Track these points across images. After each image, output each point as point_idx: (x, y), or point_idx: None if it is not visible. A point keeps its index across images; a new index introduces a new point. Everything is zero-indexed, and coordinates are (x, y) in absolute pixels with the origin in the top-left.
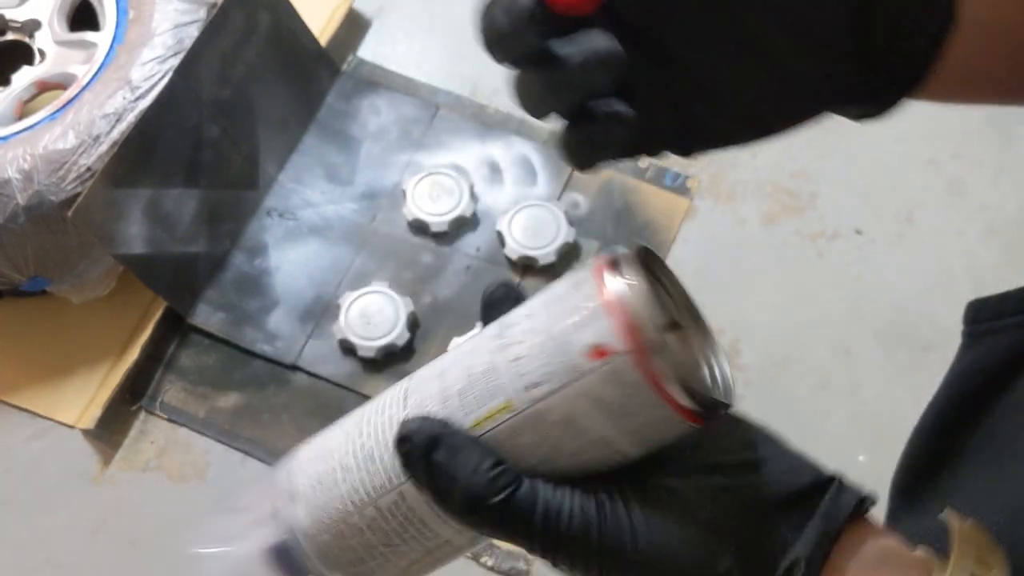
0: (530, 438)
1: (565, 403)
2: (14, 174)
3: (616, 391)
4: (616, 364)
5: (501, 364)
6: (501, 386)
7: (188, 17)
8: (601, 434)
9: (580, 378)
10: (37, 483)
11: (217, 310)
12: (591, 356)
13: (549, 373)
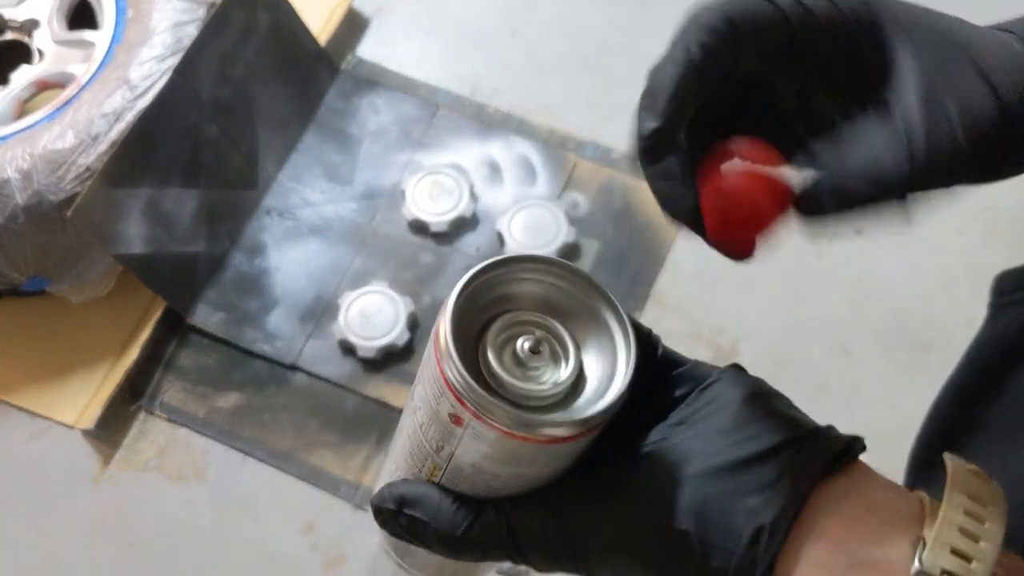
0: (466, 482)
1: (465, 459)
2: (13, 174)
3: (487, 446)
4: (472, 427)
5: (417, 430)
6: (424, 449)
7: (187, 16)
8: (511, 472)
9: (459, 440)
10: (37, 483)
11: (217, 310)
12: (455, 424)
13: (441, 438)
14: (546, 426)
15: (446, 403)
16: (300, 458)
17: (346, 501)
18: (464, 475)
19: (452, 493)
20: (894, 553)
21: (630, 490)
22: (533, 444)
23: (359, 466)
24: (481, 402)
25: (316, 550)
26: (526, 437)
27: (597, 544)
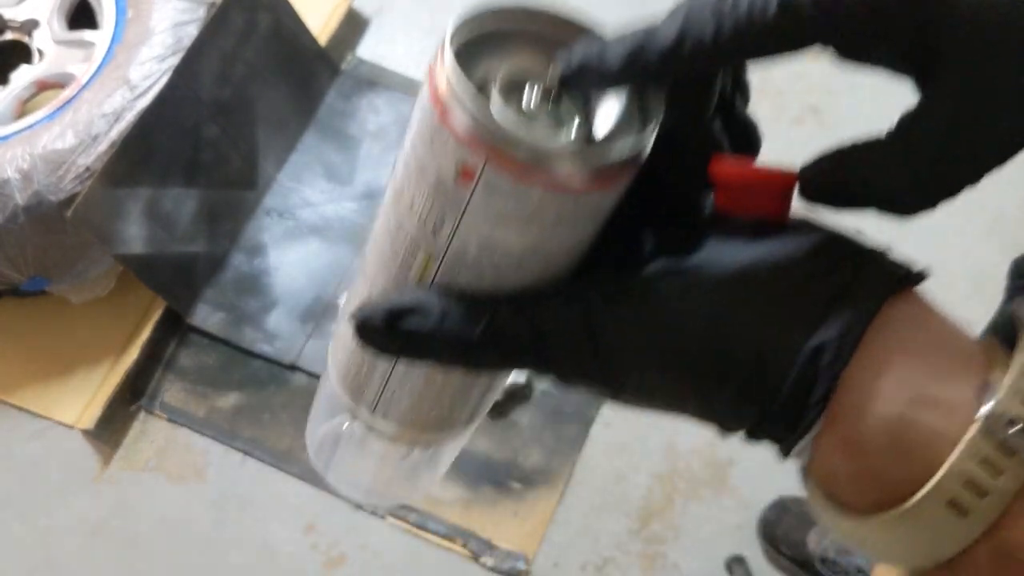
0: (468, 273)
1: (472, 233)
2: (13, 174)
3: (503, 201)
4: (486, 178)
5: (404, 216)
6: (414, 239)
7: (187, 16)
8: (525, 245)
9: (467, 204)
10: (37, 483)
11: (216, 310)
12: (462, 180)
13: (442, 210)
14: (574, 160)
15: (451, 158)
16: (300, 458)
17: (346, 501)
18: (467, 261)
19: (454, 293)
20: (959, 393)
21: (672, 292)
22: (557, 194)
23: None
24: (499, 135)
25: (316, 550)
26: (550, 181)
27: (632, 352)
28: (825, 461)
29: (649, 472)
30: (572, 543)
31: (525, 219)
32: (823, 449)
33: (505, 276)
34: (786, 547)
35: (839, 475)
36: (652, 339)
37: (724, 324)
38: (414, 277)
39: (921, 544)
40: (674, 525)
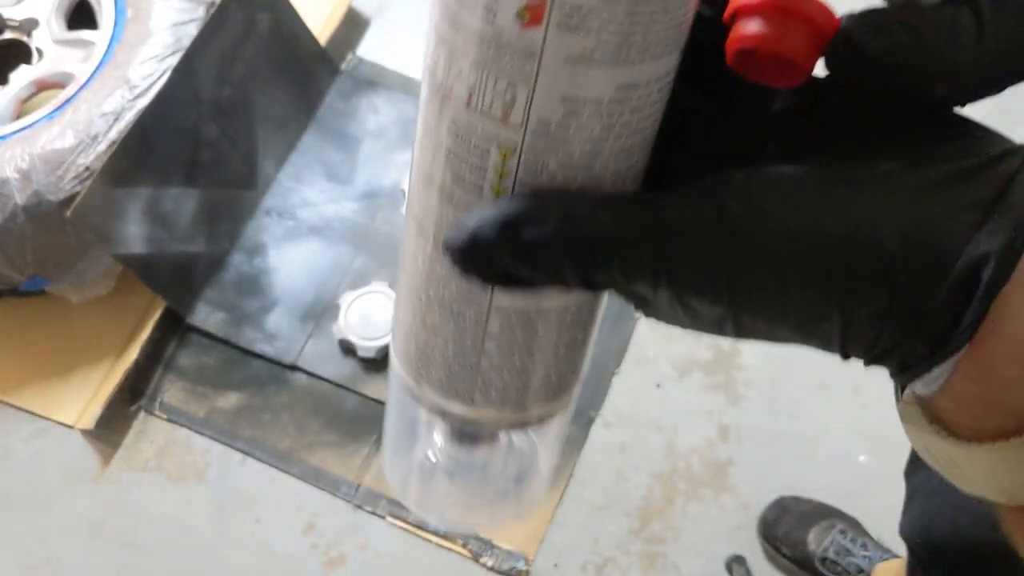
0: (557, 159)
1: (550, 94)
2: (12, 174)
3: (584, 31)
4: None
5: (459, 116)
6: (481, 137)
7: (187, 16)
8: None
9: (542, 55)
10: (37, 483)
11: (216, 310)
12: (531, 26)
13: (510, 81)
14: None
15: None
16: (300, 458)
17: (346, 501)
18: (553, 137)
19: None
20: None
21: (809, 183)
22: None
23: (359, 466)
24: None
25: (316, 550)
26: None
27: (775, 256)
28: (952, 385)
29: (649, 472)
30: (572, 543)
31: (612, 45)
32: (956, 373)
33: (597, 149)
34: (786, 547)
35: (963, 400)
36: (798, 240)
37: (877, 223)
38: (491, 185)
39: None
40: (674, 525)
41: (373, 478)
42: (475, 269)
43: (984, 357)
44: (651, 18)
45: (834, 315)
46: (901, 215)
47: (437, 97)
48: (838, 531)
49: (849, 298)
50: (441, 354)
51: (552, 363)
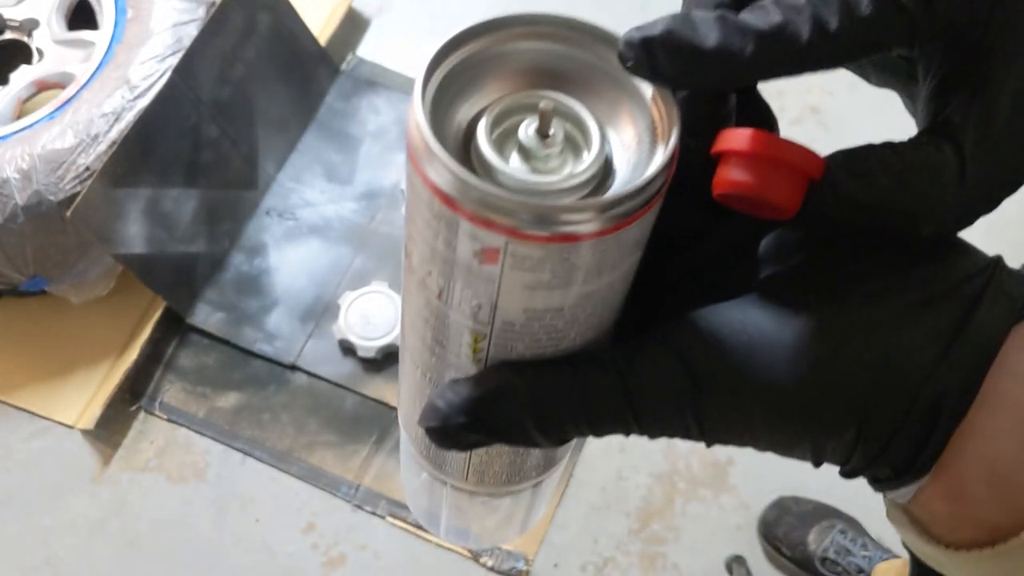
0: (523, 339)
1: (512, 307)
2: (12, 174)
3: (537, 269)
4: (512, 253)
5: (435, 304)
6: (455, 322)
7: (187, 16)
8: (575, 299)
9: (500, 282)
10: (37, 483)
11: (216, 310)
12: (487, 263)
13: (475, 294)
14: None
15: (468, 244)
16: (300, 458)
17: (346, 501)
18: (517, 331)
19: (528, 367)
20: None
21: (775, 334)
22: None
23: (359, 466)
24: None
25: (316, 550)
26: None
27: (741, 399)
28: (923, 502)
29: (649, 472)
30: (572, 543)
31: (565, 277)
32: (925, 492)
33: (563, 333)
34: (786, 547)
35: (937, 514)
36: (762, 390)
37: (840, 364)
38: (466, 356)
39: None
40: (674, 525)
41: (373, 478)
42: (449, 446)
43: (951, 477)
44: (605, 252)
45: (804, 447)
46: (866, 354)
47: (414, 277)
48: (838, 531)
49: (817, 435)
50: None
51: (541, 452)
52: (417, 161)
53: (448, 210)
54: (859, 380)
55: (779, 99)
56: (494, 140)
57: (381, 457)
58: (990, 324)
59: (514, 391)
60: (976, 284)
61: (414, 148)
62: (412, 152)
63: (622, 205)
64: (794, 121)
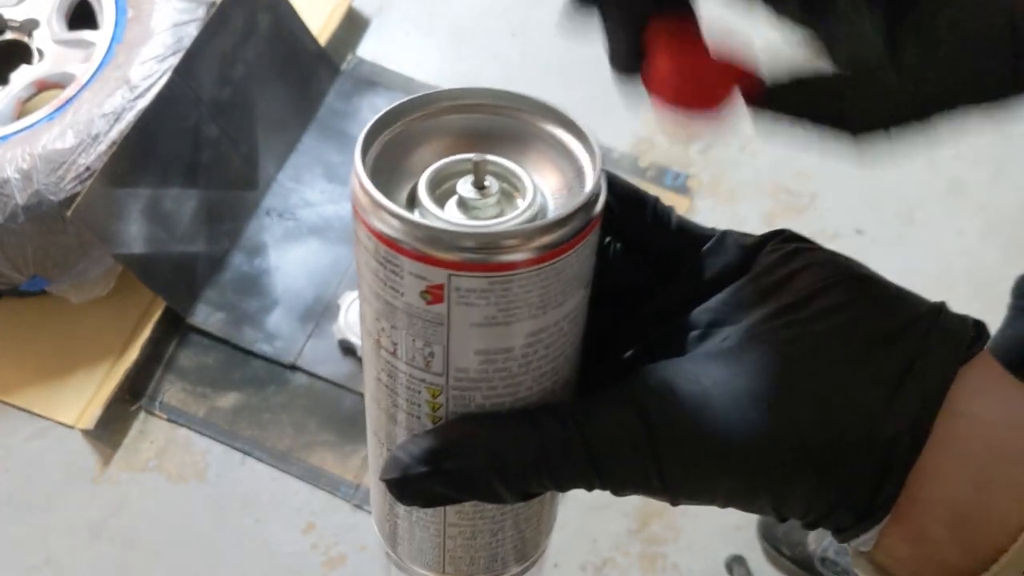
0: (481, 390)
1: (466, 348)
2: (13, 174)
3: (483, 303)
4: (456, 288)
5: (390, 362)
6: (411, 379)
7: (187, 16)
8: (525, 337)
9: (449, 321)
10: (37, 483)
11: (216, 310)
12: (434, 302)
13: (427, 341)
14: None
15: (413, 285)
16: (300, 458)
17: (346, 501)
18: (474, 378)
19: (487, 419)
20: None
21: (728, 387)
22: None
23: (358, 466)
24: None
25: (316, 550)
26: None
27: (700, 455)
28: (886, 546)
29: None
30: (571, 543)
31: (513, 311)
32: (887, 536)
33: (519, 380)
34: (786, 547)
35: (901, 559)
36: (717, 442)
37: (792, 411)
38: (426, 415)
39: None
40: (674, 525)
41: None
42: (411, 500)
43: (911, 520)
44: (546, 283)
45: (763, 497)
46: (814, 403)
47: (370, 340)
48: None
49: (774, 486)
50: (408, 536)
51: (517, 536)
52: (362, 215)
53: (393, 253)
54: (812, 430)
55: None
56: (435, 197)
57: None
58: (937, 366)
59: (473, 441)
60: (921, 327)
61: (359, 204)
62: (357, 209)
63: (553, 232)
64: None
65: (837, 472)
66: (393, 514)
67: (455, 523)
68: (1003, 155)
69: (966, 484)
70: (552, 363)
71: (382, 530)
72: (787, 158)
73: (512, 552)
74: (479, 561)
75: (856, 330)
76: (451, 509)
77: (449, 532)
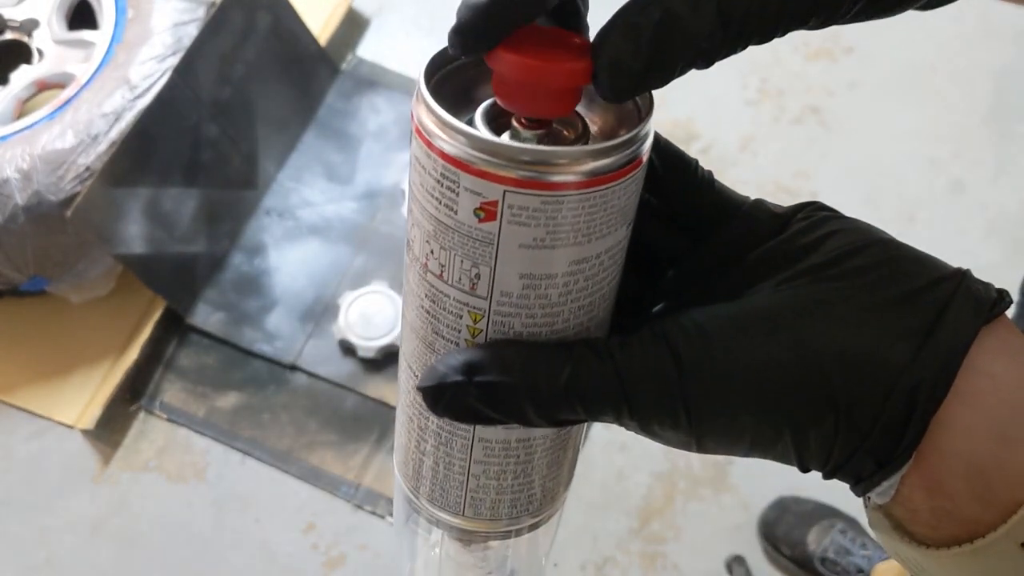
0: (521, 321)
1: (511, 270)
2: (13, 174)
3: (532, 224)
4: (509, 205)
5: (435, 284)
6: (455, 301)
7: (187, 16)
8: (568, 263)
9: (498, 241)
10: (37, 483)
11: (216, 310)
12: (487, 220)
13: (474, 261)
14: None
15: (468, 201)
16: (300, 458)
17: (346, 501)
18: (515, 303)
19: (525, 343)
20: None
21: (757, 326)
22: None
23: (359, 466)
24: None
25: (316, 550)
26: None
27: (726, 393)
28: (904, 497)
29: (649, 471)
30: (572, 542)
31: (559, 235)
32: (905, 486)
33: (557, 311)
34: (786, 547)
35: (918, 510)
36: (744, 377)
37: (818, 353)
38: (465, 343)
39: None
40: (674, 525)
41: (373, 478)
42: (444, 410)
43: (930, 472)
44: (592, 211)
45: (786, 438)
46: (840, 345)
47: (415, 266)
48: (838, 531)
49: (798, 424)
50: (432, 475)
51: (538, 481)
52: (424, 134)
53: (452, 170)
54: (836, 370)
55: (779, 99)
56: (490, 128)
57: (381, 457)
58: (960, 323)
59: (510, 358)
60: (946, 287)
61: (422, 124)
62: (420, 129)
63: (604, 158)
64: (794, 121)
65: (860, 414)
66: (419, 452)
67: (481, 460)
68: (1003, 155)
69: (985, 438)
70: (589, 298)
71: (405, 472)
72: (787, 158)
73: (531, 501)
74: (499, 506)
75: (883, 286)
76: (478, 445)
77: (474, 470)
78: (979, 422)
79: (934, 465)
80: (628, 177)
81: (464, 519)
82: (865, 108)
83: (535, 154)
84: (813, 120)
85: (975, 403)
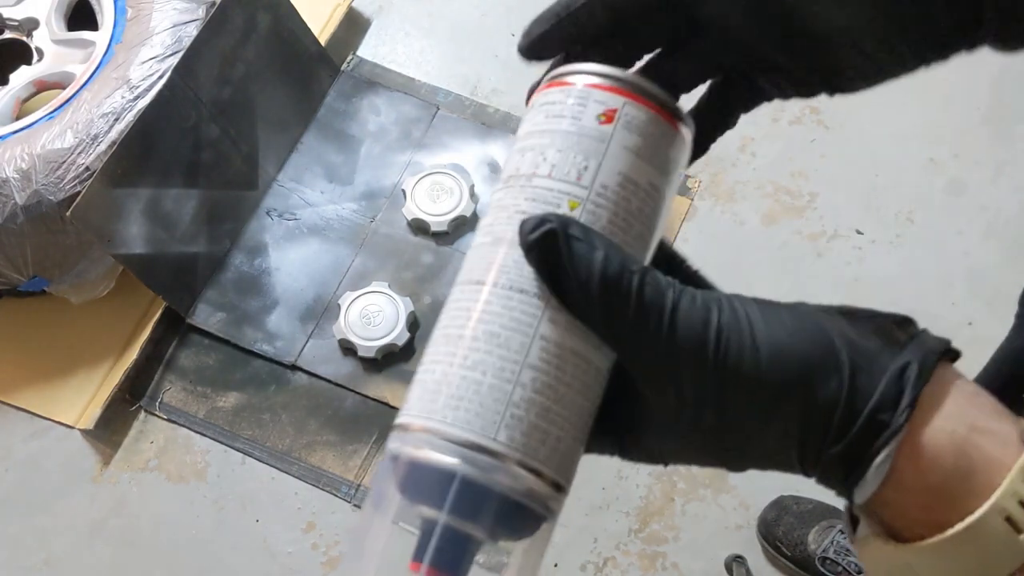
0: (607, 220)
1: (611, 168)
2: (12, 174)
3: (637, 134)
4: (625, 115)
5: (541, 183)
6: (559, 193)
7: (187, 16)
8: (651, 179)
9: (610, 141)
10: (37, 483)
11: (217, 310)
12: (605, 122)
13: (585, 155)
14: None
15: (593, 107)
16: (300, 458)
17: (346, 501)
18: (608, 196)
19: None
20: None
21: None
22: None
23: (359, 466)
24: (633, 80)
25: (316, 550)
26: (669, 116)
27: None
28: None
29: (649, 471)
30: (572, 543)
31: (653, 150)
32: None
33: (631, 222)
34: (786, 547)
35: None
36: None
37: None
38: None
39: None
40: (674, 525)
41: (374, 478)
42: (536, 240)
43: (920, 445)
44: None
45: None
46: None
47: (519, 180)
48: (838, 531)
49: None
50: (476, 388)
51: (566, 422)
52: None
53: (587, 90)
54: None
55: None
56: None
57: (381, 457)
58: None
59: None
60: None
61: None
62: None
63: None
64: (794, 121)
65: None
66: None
67: (535, 364)
68: (1003, 155)
69: (961, 423)
70: (644, 225)
71: (436, 390)
72: (787, 158)
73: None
74: (534, 433)
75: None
76: (537, 344)
77: (522, 377)
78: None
79: (924, 439)
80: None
81: (493, 442)
82: (865, 108)
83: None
84: (812, 120)
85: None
